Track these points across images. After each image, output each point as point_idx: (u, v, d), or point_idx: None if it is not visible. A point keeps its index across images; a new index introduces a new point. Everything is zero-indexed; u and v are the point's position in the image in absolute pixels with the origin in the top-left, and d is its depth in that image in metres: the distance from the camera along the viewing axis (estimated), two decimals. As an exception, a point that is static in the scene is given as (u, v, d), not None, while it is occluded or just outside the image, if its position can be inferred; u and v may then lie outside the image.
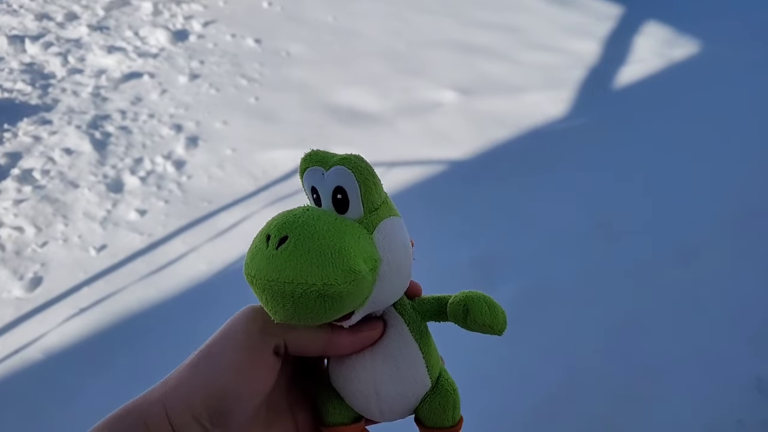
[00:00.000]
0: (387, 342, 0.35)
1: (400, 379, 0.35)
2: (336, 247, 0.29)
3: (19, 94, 2.42)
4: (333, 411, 0.36)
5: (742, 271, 1.63)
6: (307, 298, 0.28)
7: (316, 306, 0.28)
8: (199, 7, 3.26)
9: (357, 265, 0.29)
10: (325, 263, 0.28)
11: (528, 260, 1.67)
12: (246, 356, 0.30)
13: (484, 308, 0.34)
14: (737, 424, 1.26)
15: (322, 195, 0.32)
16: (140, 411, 0.29)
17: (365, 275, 0.29)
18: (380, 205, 0.33)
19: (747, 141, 2.16)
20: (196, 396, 0.29)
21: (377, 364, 0.34)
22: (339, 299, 0.28)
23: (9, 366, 1.39)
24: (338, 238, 0.29)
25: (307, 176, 0.33)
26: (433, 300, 0.36)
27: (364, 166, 0.32)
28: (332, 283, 0.28)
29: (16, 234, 1.75)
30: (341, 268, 0.28)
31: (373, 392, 0.34)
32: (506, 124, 2.26)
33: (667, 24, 3.02)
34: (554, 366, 1.38)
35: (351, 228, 0.31)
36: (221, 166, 2.05)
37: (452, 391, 0.36)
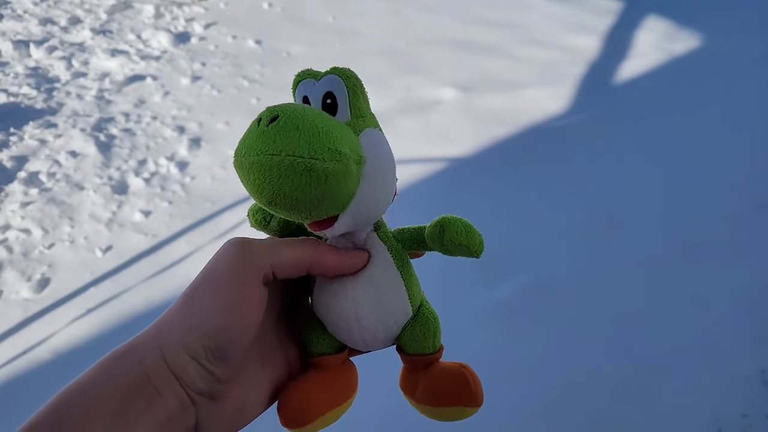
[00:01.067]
0: (370, 270, 0.35)
1: (381, 307, 0.35)
2: (323, 129, 0.29)
3: (24, 98, 2.45)
4: (317, 341, 0.36)
5: (747, 264, 1.63)
6: (293, 170, 0.28)
7: (302, 181, 0.29)
8: (200, 9, 3.28)
9: (342, 147, 0.30)
10: (313, 139, 0.29)
11: (531, 256, 1.68)
12: (235, 292, 0.30)
13: (460, 228, 0.34)
14: (742, 418, 1.26)
15: (312, 101, 0.33)
16: (135, 353, 0.29)
17: (350, 159, 0.30)
18: (367, 114, 0.34)
19: (750, 134, 2.16)
20: (190, 337, 0.29)
21: (359, 293, 0.35)
22: (324, 178, 0.29)
23: (18, 366, 1.41)
24: (326, 123, 0.30)
25: (299, 89, 0.34)
26: (414, 229, 0.37)
27: (354, 75, 0.33)
28: (318, 158, 0.28)
29: (23, 236, 1.78)
30: (327, 146, 0.29)
31: (354, 320, 0.35)
32: (507, 120, 2.27)
33: (668, 18, 3.02)
34: (559, 361, 1.39)
35: (339, 123, 0.32)
36: (224, 166, 2.07)
37: (433, 319, 0.37)
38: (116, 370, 0.28)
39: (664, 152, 2.09)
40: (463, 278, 1.58)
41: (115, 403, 0.27)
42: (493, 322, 1.47)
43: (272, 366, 0.36)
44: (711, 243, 1.70)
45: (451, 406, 0.36)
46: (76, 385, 0.28)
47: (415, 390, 0.37)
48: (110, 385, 0.27)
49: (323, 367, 0.37)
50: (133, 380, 0.28)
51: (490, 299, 1.53)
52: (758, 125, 2.21)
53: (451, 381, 0.36)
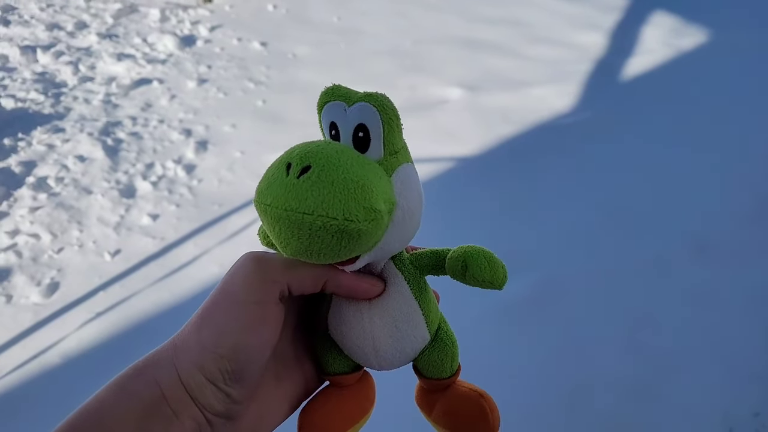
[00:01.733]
0: (386, 301, 0.34)
1: (399, 337, 0.34)
2: (359, 183, 0.27)
3: (32, 103, 2.46)
4: (333, 361, 0.36)
5: (755, 261, 1.61)
6: (325, 231, 0.27)
7: (332, 242, 0.27)
8: (205, 12, 3.29)
9: (378, 204, 0.28)
10: (348, 198, 0.27)
11: (539, 255, 1.67)
12: (252, 310, 0.29)
13: (484, 264, 0.33)
14: (754, 417, 1.25)
15: (342, 131, 0.31)
16: (153, 371, 0.28)
17: (384, 216, 0.28)
18: (400, 149, 0.32)
19: (758, 129, 2.14)
20: (206, 358, 0.28)
21: (375, 324, 0.34)
22: (356, 237, 0.27)
23: (28, 371, 1.42)
24: (362, 173, 0.28)
25: (326, 111, 0.31)
26: (431, 254, 0.36)
27: (391, 106, 0.30)
28: (353, 219, 0.27)
29: (32, 241, 1.78)
30: (363, 205, 0.27)
31: (371, 349, 0.34)
32: (513, 119, 2.26)
33: (674, 13, 3.00)
34: (568, 360, 1.38)
35: (373, 167, 0.29)
36: (231, 169, 2.07)
37: (451, 344, 0.36)
38: (134, 389, 0.28)
39: (672, 149, 2.07)
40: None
41: (132, 425, 0.27)
42: (503, 321, 1.46)
43: (289, 382, 0.35)
44: (721, 241, 1.68)
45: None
46: (94, 403, 0.28)
47: (432, 409, 0.37)
48: (127, 404, 0.27)
49: (343, 384, 0.36)
50: (150, 400, 0.27)
51: (499, 298, 1.52)
52: (766, 121, 2.19)
53: (469, 409, 0.36)
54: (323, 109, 0.32)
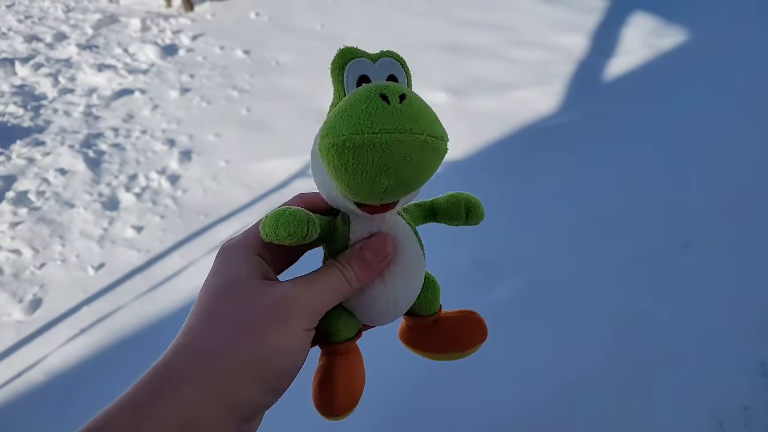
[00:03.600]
0: (404, 255, 0.36)
1: (413, 286, 0.37)
2: (434, 112, 0.30)
3: (11, 116, 2.42)
4: (345, 328, 0.36)
5: (741, 257, 1.63)
6: (432, 150, 0.28)
7: (431, 161, 0.29)
8: (186, 20, 3.27)
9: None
10: (437, 121, 0.29)
11: (527, 256, 1.67)
12: (303, 336, 0.31)
13: (480, 207, 0.39)
14: (743, 411, 1.26)
15: (375, 81, 0.32)
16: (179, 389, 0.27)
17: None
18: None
19: (738, 127, 2.17)
20: (259, 371, 0.29)
21: (397, 279, 0.36)
22: (442, 157, 0.30)
23: (13, 389, 1.39)
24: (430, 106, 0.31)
25: (353, 66, 0.32)
26: (415, 207, 0.39)
27: (406, 63, 0.34)
28: (444, 140, 0.29)
29: (13, 257, 1.75)
30: (443, 128, 0.30)
31: (392, 304, 0.36)
32: (498, 122, 2.26)
33: (654, 14, 3.03)
34: (558, 360, 1.38)
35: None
36: (216, 178, 2.05)
37: (435, 280, 0.40)
38: (160, 413, 0.26)
39: (654, 148, 2.09)
40: (460, 280, 1.57)
41: None
42: (492, 323, 1.45)
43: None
44: (705, 237, 1.70)
45: (471, 348, 0.40)
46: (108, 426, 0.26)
47: (429, 343, 0.41)
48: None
49: (345, 351, 0.37)
50: (183, 425, 0.26)
51: (488, 301, 1.52)
52: (747, 118, 2.22)
53: (467, 327, 0.40)
54: (348, 66, 0.33)
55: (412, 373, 1.30)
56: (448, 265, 1.61)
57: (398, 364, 1.21)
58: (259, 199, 1.94)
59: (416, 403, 1.28)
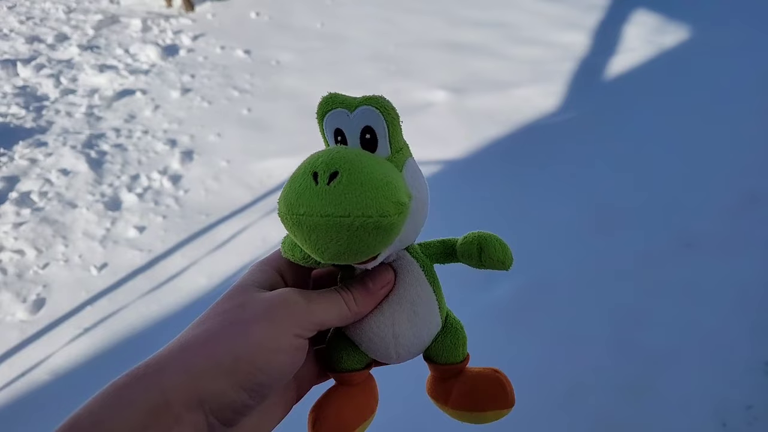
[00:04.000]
0: (405, 288, 0.35)
1: (417, 322, 0.36)
2: (384, 181, 0.29)
3: (13, 117, 2.43)
4: (347, 358, 0.36)
5: (742, 256, 1.63)
6: (363, 230, 0.28)
7: (369, 238, 0.28)
8: (187, 21, 3.28)
9: (403, 197, 0.30)
10: (378, 195, 0.28)
11: (528, 255, 1.67)
12: (293, 343, 0.31)
13: (497, 246, 0.37)
14: (747, 410, 1.26)
15: (349, 136, 0.32)
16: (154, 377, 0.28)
17: (408, 207, 0.30)
18: (403, 145, 0.33)
19: (740, 125, 2.17)
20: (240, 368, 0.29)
21: (396, 311, 0.35)
22: (389, 230, 0.29)
23: (17, 389, 1.40)
24: (384, 172, 0.30)
25: (329, 119, 0.32)
26: (439, 243, 0.38)
27: (391, 106, 0.32)
28: (386, 215, 0.28)
29: (17, 257, 1.76)
30: (392, 200, 0.29)
31: (391, 337, 0.35)
32: (498, 120, 2.27)
33: (655, 11, 3.03)
34: (559, 360, 1.39)
35: (389, 164, 0.31)
36: (217, 178, 2.06)
37: (460, 329, 0.38)
38: (132, 396, 0.27)
39: (656, 146, 2.09)
40: (461, 281, 1.57)
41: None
42: (493, 323, 1.46)
43: (285, 387, 0.36)
44: (707, 236, 1.70)
45: (489, 410, 0.37)
46: (85, 413, 0.27)
47: (449, 397, 0.38)
48: (124, 413, 0.26)
49: (350, 382, 0.37)
50: (150, 407, 0.27)
51: (489, 301, 1.52)
52: (750, 116, 2.22)
53: (488, 386, 0.37)
54: (325, 118, 0.33)
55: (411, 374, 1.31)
56: (449, 265, 1.61)
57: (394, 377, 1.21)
58: (261, 198, 1.95)
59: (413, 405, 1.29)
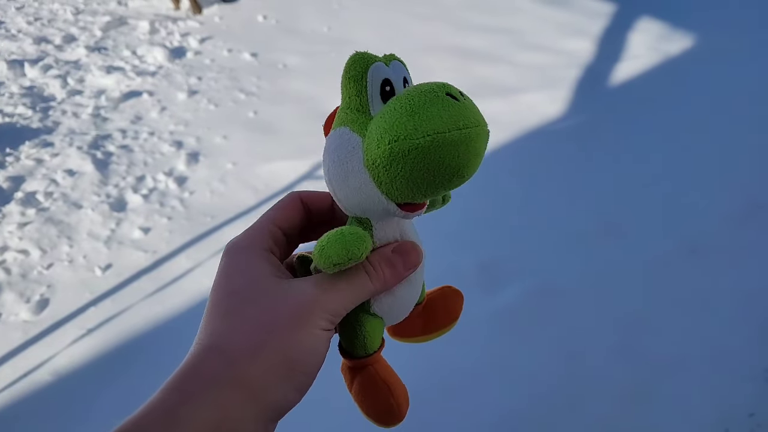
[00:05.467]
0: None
1: (421, 278, 0.38)
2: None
3: (20, 118, 2.44)
4: (377, 337, 0.37)
5: (748, 264, 1.62)
6: (487, 141, 0.31)
7: (484, 147, 0.32)
8: (195, 23, 3.29)
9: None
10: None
11: (533, 261, 1.66)
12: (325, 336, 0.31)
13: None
14: (749, 418, 1.25)
15: (397, 85, 0.33)
16: (211, 393, 0.27)
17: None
18: None
19: (747, 132, 2.16)
20: (294, 373, 0.30)
21: (418, 275, 0.37)
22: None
23: (19, 389, 1.40)
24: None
25: (375, 71, 0.33)
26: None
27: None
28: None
29: (21, 257, 1.76)
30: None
31: (413, 300, 0.38)
32: (505, 126, 2.26)
33: (661, 19, 3.03)
34: (563, 365, 1.38)
35: None
36: (223, 180, 2.06)
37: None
38: (190, 417, 0.26)
39: (662, 152, 2.08)
40: (464, 284, 1.56)
41: None
42: (496, 327, 1.46)
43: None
44: (712, 243, 1.69)
45: (455, 320, 0.42)
46: (135, 428, 0.26)
47: (416, 329, 0.42)
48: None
49: (380, 359, 0.37)
50: (214, 426, 0.26)
51: (493, 305, 1.51)
52: (755, 123, 2.21)
53: (449, 301, 0.42)
54: (371, 70, 0.33)
55: (414, 376, 1.30)
56: (453, 269, 1.61)
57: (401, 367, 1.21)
58: (266, 201, 1.95)
59: (418, 407, 1.28)
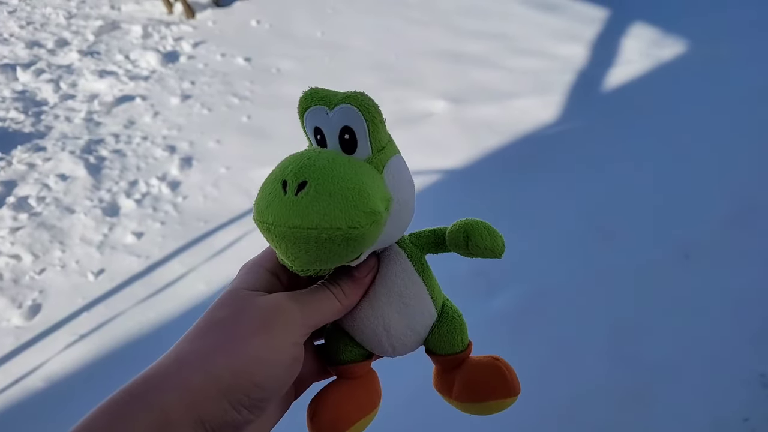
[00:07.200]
0: (392, 280, 0.35)
1: (408, 314, 0.35)
2: (356, 189, 0.28)
3: (12, 122, 2.42)
4: (344, 350, 0.36)
5: (741, 268, 1.63)
6: (332, 242, 0.27)
7: (339, 249, 0.28)
8: (188, 28, 3.28)
9: (377, 206, 0.28)
10: (348, 206, 0.27)
11: (527, 265, 1.67)
12: (291, 351, 0.30)
13: (484, 233, 0.34)
14: (744, 422, 1.26)
15: (328, 135, 0.31)
16: (154, 396, 0.27)
17: (383, 215, 0.29)
18: (386, 143, 0.32)
19: (739, 137, 2.17)
20: (239, 384, 0.28)
21: (384, 304, 0.34)
22: (361, 240, 0.28)
23: (11, 395, 1.38)
24: (357, 179, 0.28)
25: (309, 116, 0.31)
26: (429, 232, 0.37)
27: (371, 104, 0.30)
28: (356, 226, 0.27)
29: (13, 262, 1.75)
30: (363, 210, 0.28)
31: (383, 330, 0.35)
32: (498, 130, 2.27)
33: (653, 24, 3.05)
34: (557, 370, 1.38)
35: (365, 168, 0.30)
36: (216, 185, 2.06)
37: (458, 317, 0.37)
38: (132, 416, 0.26)
39: (655, 157, 2.09)
40: (460, 290, 1.57)
41: None
42: (492, 333, 1.46)
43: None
44: (706, 247, 1.70)
45: (491, 400, 0.36)
46: (84, 429, 0.26)
47: (452, 389, 0.37)
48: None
49: (350, 375, 0.36)
50: (153, 427, 0.26)
51: (488, 311, 1.52)
52: (747, 128, 2.23)
53: (488, 375, 0.36)
54: (305, 115, 0.32)
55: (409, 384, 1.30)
56: (447, 275, 1.61)
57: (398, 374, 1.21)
58: (260, 206, 1.95)
59: (415, 413, 1.28)
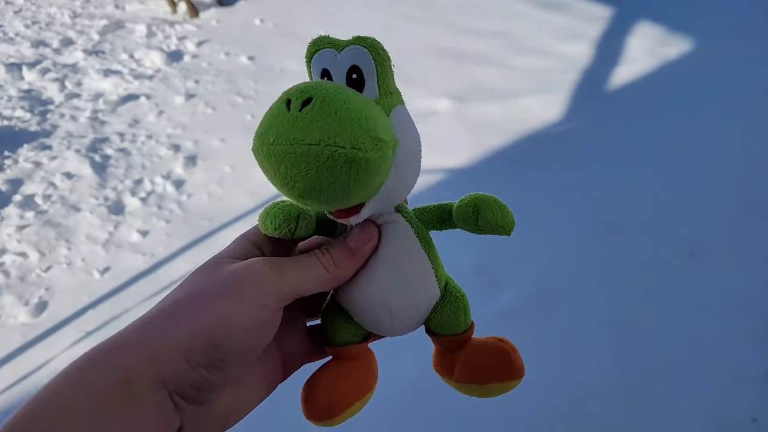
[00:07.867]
0: (396, 255, 0.33)
1: (411, 293, 0.34)
2: (362, 113, 0.26)
3: (18, 121, 2.44)
4: (341, 330, 0.35)
5: (744, 265, 1.62)
6: (333, 162, 0.25)
7: (341, 174, 0.26)
8: (192, 27, 3.29)
9: (383, 134, 0.27)
10: (353, 126, 0.25)
11: (531, 265, 1.67)
12: (257, 314, 0.29)
13: (495, 208, 0.33)
14: (752, 423, 1.25)
15: (335, 76, 0.30)
16: (117, 354, 0.26)
17: (389, 147, 0.27)
18: (394, 90, 0.31)
19: (743, 135, 2.17)
20: (198, 343, 0.27)
21: (386, 280, 0.33)
22: (365, 168, 0.26)
23: (18, 392, 1.40)
24: (364, 106, 0.27)
25: (317, 59, 0.31)
26: (435, 208, 0.35)
27: (380, 47, 0.30)
28: (360, 148, 0.25)
29: (20, 260, 1.76)
30: (368, 134, 0.26)
31: (384, 309, 0.33)
32: (502, 129, 2.27)
33: (659, 23, 3.04)
34: (561, 369, 1.38)
35: (372, 103, 0.28)
36: (220, 183, 2.07)
37: (461, 297, 0.36)
38: (95, 373, 0.26)
39: (659, 156, 2.09)
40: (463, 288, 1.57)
41: (91, 415, 0.25)
42: (495, 331, 1.45)
43: (267, 363, 0.34)
44: (710, 245, 1.70)
45: (495, 382, 0.34)
46: (50, 390, 0.26)
47: (453, 370, 0.36)
48: (87, 390, 0.25)
49: (347, 357, 0.35)
50: (112, 385, 0.25)
51: (492, 309, 1.52)
52: (751, 127, 2.22)
53: (492, 356, 0.35)
54: (313, 59, 0.31)
55: (412, 381, 1.31)
56: (451, 273, 1.61)
57: (401, 370, 1.21)
58: (264, 204, 1.95)
59: (416, 413, 1.29)
